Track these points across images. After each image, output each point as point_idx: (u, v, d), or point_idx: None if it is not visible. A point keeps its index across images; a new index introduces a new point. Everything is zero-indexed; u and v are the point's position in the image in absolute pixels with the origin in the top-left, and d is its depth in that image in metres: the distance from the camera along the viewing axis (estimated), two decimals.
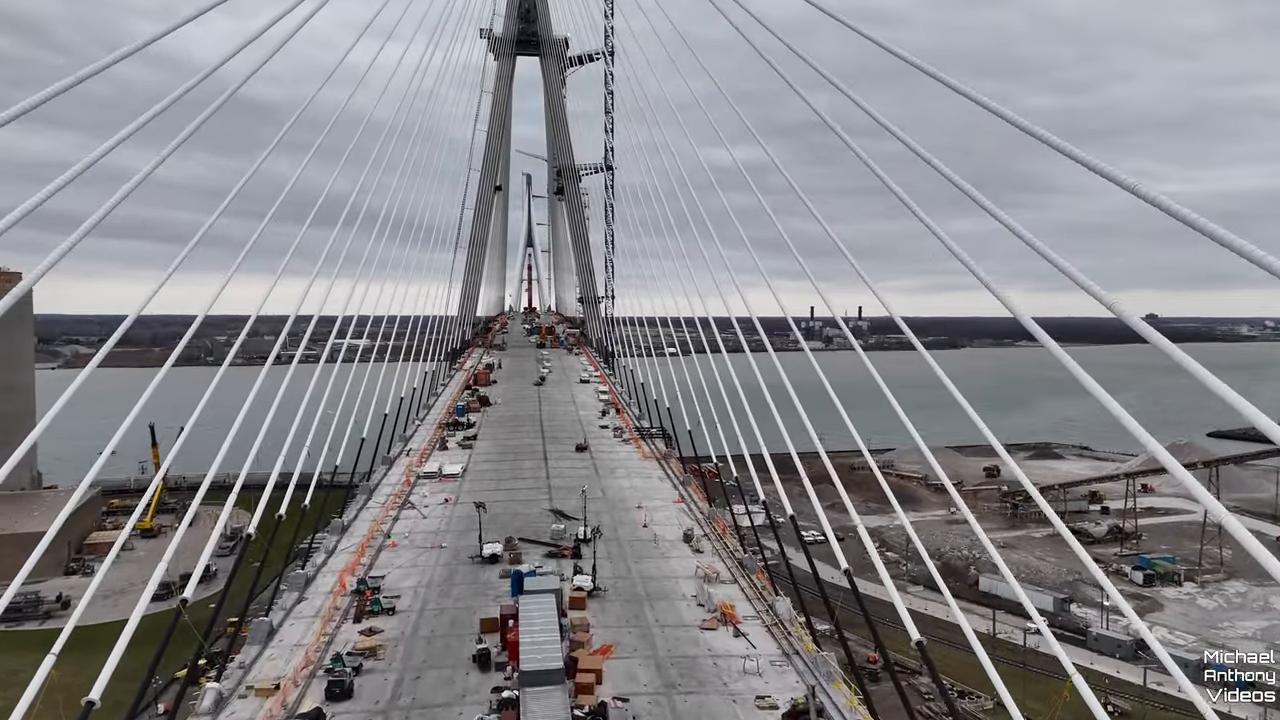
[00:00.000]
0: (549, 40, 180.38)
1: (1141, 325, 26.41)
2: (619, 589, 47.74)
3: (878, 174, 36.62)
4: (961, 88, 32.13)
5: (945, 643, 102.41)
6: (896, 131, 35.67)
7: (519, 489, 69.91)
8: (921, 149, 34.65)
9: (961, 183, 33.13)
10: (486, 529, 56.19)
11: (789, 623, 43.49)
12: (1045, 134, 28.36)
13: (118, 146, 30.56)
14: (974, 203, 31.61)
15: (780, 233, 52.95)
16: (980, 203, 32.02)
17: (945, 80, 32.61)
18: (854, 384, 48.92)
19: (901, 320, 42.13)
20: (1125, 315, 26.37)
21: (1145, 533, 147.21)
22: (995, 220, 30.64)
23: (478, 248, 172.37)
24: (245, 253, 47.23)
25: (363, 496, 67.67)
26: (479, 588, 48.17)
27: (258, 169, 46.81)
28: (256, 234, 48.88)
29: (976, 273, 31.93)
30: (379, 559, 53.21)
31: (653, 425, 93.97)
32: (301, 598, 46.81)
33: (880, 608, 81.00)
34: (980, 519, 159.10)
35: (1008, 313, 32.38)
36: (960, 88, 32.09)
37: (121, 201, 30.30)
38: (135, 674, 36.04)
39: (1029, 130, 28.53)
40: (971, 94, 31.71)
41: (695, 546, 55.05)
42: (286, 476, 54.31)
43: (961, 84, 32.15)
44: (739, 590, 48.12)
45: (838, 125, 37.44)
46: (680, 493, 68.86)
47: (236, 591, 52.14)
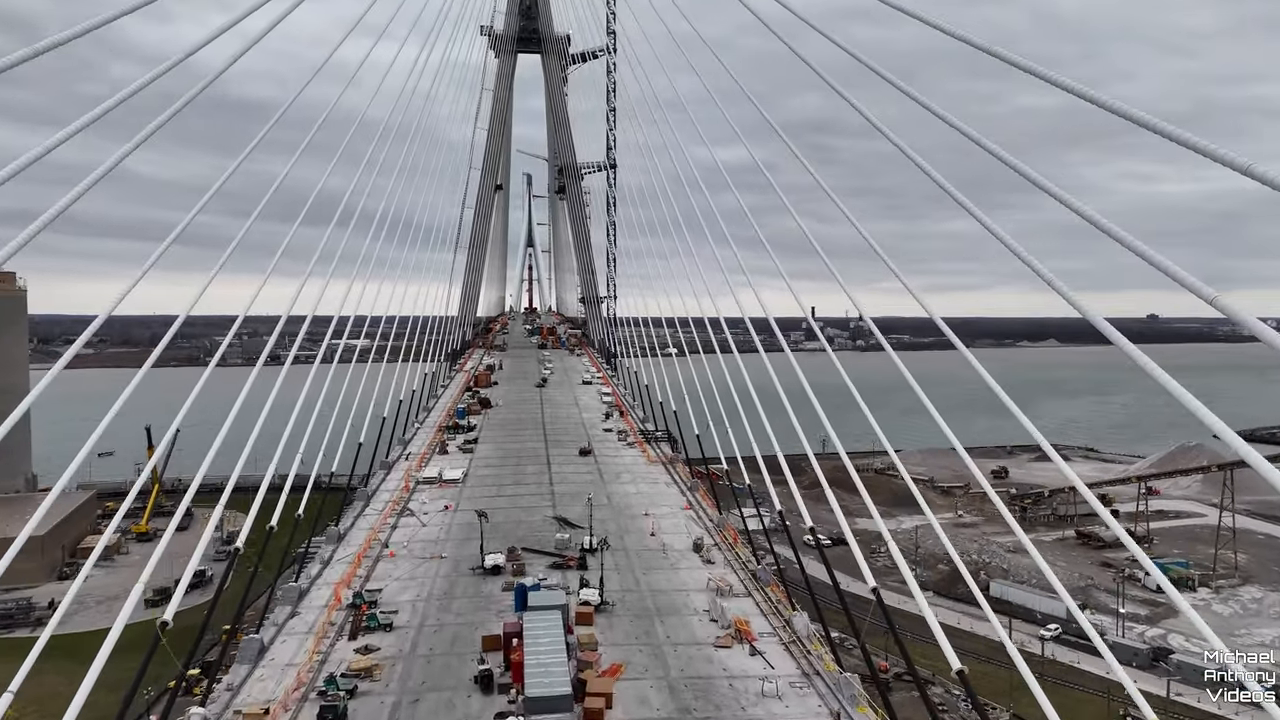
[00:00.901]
0: (550, 37, 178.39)
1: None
2: (627, 603, 45.52)
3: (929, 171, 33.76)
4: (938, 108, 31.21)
5: (959, 650, 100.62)
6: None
7: (521, 495, 67.71)
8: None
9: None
10: (488, 538, 54.00)
11: (807, 640, 41.30)
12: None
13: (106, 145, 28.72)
14: (971, 202, 31.29)
15: (803, 231, 50.43)
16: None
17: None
18: (859, 384, 47.39)
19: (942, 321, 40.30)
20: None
21: (1156, 536, 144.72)
22: (992, 220, 30.15)
23: (478, 247, 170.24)
24: (230, 251, 44.86)
25: (360, 503, 65.45)
26: (481, 601, 45.95)
27: (247, 167, 44.08)
28: (243, 231, 46.49)
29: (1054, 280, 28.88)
30: (376, 570, 50.97)
31: (658, 428, 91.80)
32: (294, 612, 44.58)
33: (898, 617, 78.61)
34: (988, 522, 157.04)
35: (1008, 314, 33.36)
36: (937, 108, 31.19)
37: (85, 192, 28.32)
38: (127, 684, 33.82)
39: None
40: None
41: (705, 556, 52.84)
42: (282, 479, 52.30)
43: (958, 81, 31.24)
44: (753, 604, 45.92)
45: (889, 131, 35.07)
46: (688, 499, 66.66)
47: (230, 599, 49.78)
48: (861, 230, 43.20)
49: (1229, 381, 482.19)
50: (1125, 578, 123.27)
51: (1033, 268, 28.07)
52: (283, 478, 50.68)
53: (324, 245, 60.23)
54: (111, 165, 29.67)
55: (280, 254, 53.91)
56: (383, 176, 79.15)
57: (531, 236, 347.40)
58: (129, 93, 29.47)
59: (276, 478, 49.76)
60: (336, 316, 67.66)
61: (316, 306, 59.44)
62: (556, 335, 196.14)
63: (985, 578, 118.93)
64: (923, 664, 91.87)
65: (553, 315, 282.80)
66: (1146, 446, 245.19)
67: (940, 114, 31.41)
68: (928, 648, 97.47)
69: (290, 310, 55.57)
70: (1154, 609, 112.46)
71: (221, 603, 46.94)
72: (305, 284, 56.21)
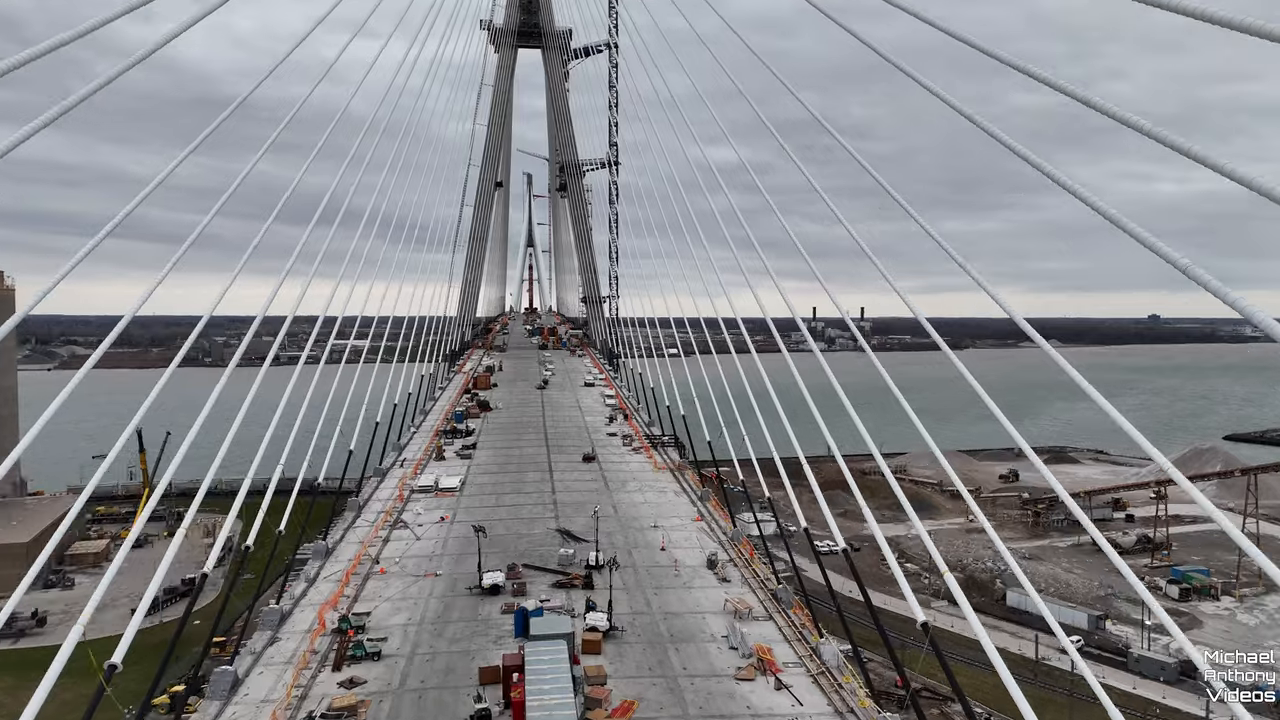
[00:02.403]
0: (551, 32, 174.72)
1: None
2: (638, 628, 41.66)
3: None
4: None
5: (976, 664, 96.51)
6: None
7: (522, 505, 63.86)
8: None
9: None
10: (487, 553, 50.18)
11: (837, 671, 37.47)
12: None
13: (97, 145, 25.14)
14: (962, 201, 31.45)
15: (788, 232, 50.97)
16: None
17: None
18: (859, 385, 45.27)
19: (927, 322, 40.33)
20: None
21: (1175, 542, 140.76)
22: (987, 220, 29.67)
23: (477, 245, 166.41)
24: (246, 259, 44.97)
25: (351, 513, 61.61)
26: (478, 626, 42.11)
27: (237, 168, 43.47)
28: (259, 237, 45.63)
29: None
30: (365, 589, 47.13)
31: (664, 432, 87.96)
32: (274, 638, 40.75)
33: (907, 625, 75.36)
34: (999, 528, 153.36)
35: (1005, 315, 31.69)
36: None
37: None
38: None
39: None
40: None
41: (721, 574, 48.98)
42: (281, 484, 49.46)
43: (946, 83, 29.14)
44: (775, 629, 42.10)
45: None
46: (699, 510, 62.78)
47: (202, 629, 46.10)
48: (852, 231, 42.81)
49: (1233, 383, 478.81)
50: (1155, 590, 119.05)
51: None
52: (279, 483, 48.50)
53: (324, 246, 59.42)
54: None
55: (292, 258, 52.58)
56: (375, 173, 76.29)
57: (532, 237, 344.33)
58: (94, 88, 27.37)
59: (261, 484, 47.34)
60: (321, 317, 64.25)
61: (297, 306, 56.37)
62: (557, 336, 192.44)
63: (1002, 586, 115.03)
64: (935, 675, 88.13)
65: (553, 316, 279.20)
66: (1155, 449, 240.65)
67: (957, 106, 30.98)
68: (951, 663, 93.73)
69: (293, 311, 54.44)
70: (1177, 619, 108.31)
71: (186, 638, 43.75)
72: (300, 284, 54.93)
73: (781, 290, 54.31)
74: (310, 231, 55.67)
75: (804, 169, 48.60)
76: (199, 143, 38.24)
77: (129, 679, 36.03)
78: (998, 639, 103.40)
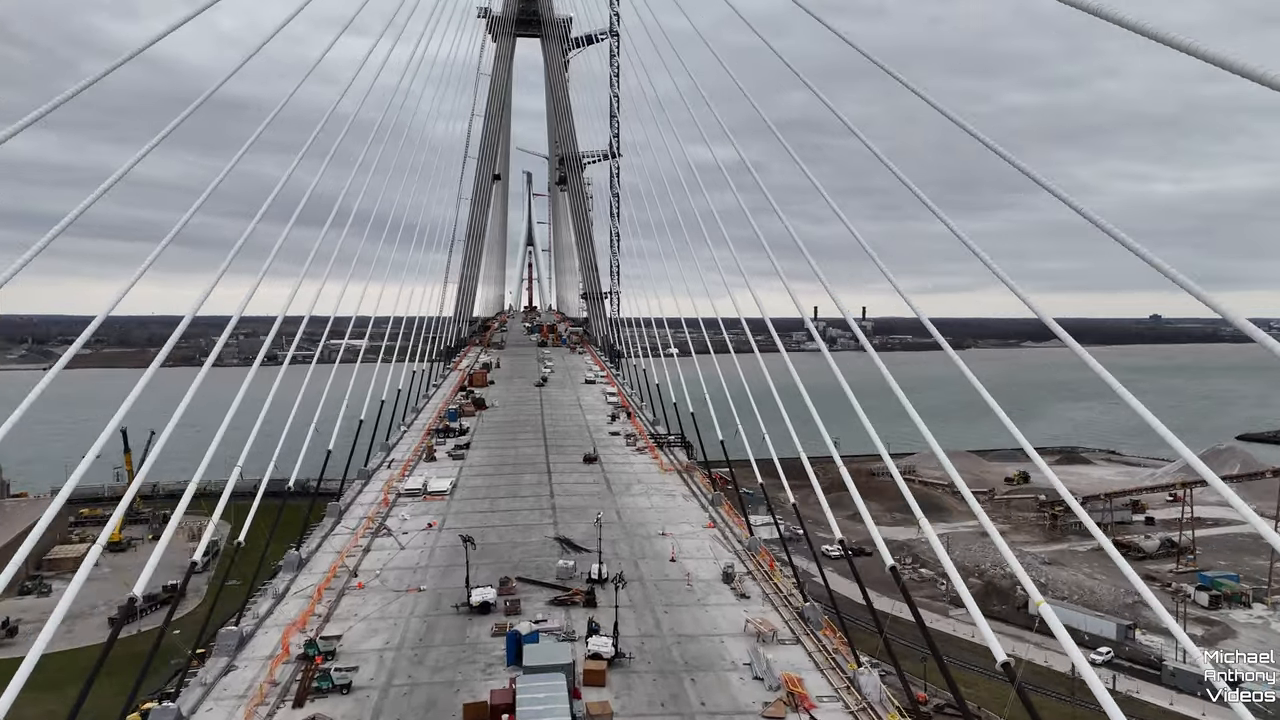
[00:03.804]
0: (550, 20, 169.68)
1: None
2: (648, 654, 36.38)
3: None
4: None
5: (999, 677, 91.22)
6: None
7: (518, 511, 58.57)
8: None
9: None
10: (478, 565, 45.01)
11: (879, 706, 32.23)
12: None
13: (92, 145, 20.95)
14: (959, 202, 32.53)
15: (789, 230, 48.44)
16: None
17: None
18: (861, 385, 43.40)
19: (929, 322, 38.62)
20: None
21: (1198, 546, 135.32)
22: (986, 220, 29.47)
23: (475, 241, 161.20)
24: (231, 257, 42.68)
25: (330, 519, 56.34)
26: (465, 651, 36.84)
27: (221, 165, 41.47)
28: (244, 235, 44.22)
29: None
30: (339, 606, 41.87)
31: (670, 431, 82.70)
32: (230, 666, 35.52)
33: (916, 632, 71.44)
34: (1015, 531, 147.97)
35: (1012, 314, 28.98)
36: None
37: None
38: None
39: None
40: None
41: (739, 589, 43.71)
42: (256, 484, 48.09)
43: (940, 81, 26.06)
44: (804, 654, 36.84)
45: None
46: (711, 515, 57.51)
47: None
48: (853, 230, 40.65)
49: (1239, 384, 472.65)
50: (1180, 596, 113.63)
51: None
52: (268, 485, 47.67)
53: (315, 245, 57.89)
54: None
55: (302, 258, 53.84)
56: (366, 169, 73.67)
57: (532, 235, 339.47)
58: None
59: (250, 485, 46.55)
60: (307, 317, 61.39)
61: (288, 307, 55.46)
62: (557, 333, 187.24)
63: (1023, 593, 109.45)
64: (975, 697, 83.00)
65: (553, 314, 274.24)
66: (1166, 450, 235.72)
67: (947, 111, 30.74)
68: (970, 674, 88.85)
69: (283, 311, 53.54)
70: (1209, 628, 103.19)
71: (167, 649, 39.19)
72: (291, 284, 54.25)
73: (791, 291, 50.72)
74: (301, 231, 54.42)
75: (805, 169, 45.91)
76: (163, 136, 34.88)
77: (106, 691, 34.27)
78: (1022, 651, 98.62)
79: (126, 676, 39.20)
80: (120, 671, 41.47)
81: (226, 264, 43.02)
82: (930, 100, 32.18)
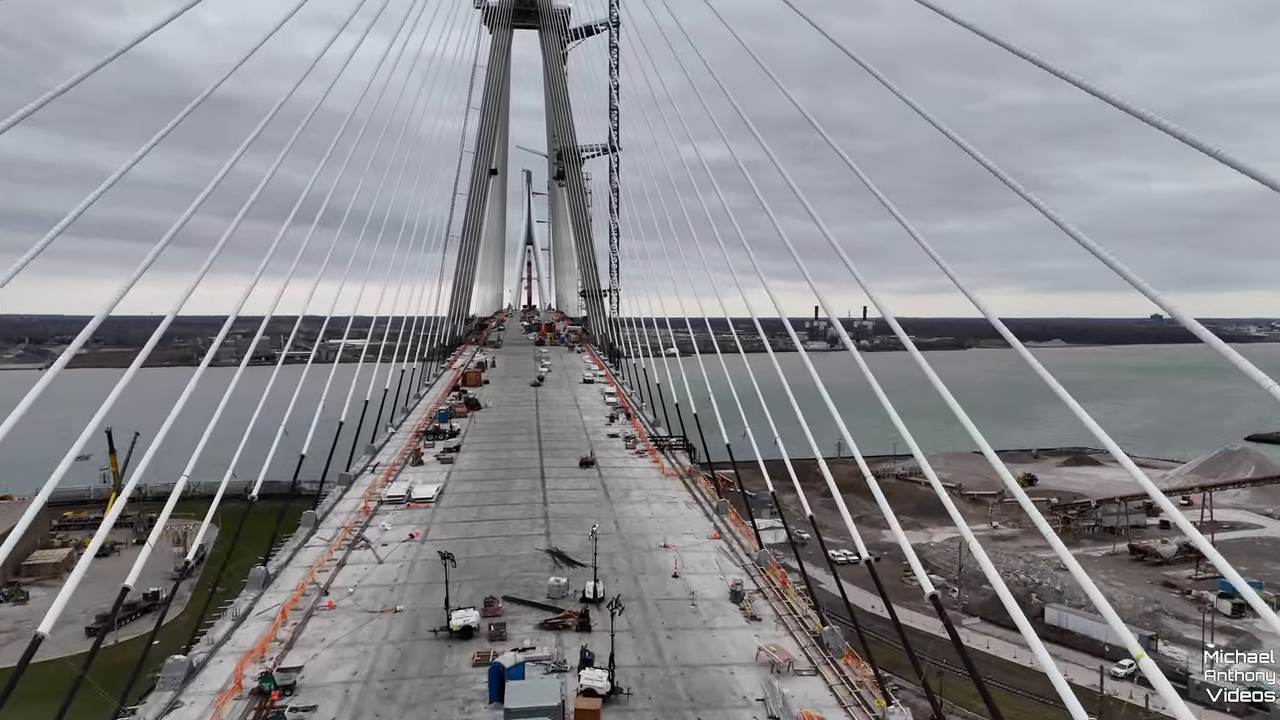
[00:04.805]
0: (549, 10, 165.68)
1: None
2: (649, 688, 32.15)
3: None
4: None
5: (1020, 692, 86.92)
6: None
7: (508, 520, 54.33)
8: None
9: None
10: (460, 583, 40.94)
11: None
12: None
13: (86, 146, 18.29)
14: (964, 201, 34.22)
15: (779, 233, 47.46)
16: None
17: None
18: (859, 386, 40.55)
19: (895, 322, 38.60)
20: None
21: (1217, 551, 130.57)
22: (988, 220, 29.14)
23: (470, 237, 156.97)
24: (215, 254, 42.45)
25: (305, 529, 52.12)
26: (442, 685, 32.61)
27: (213, 164, 41.99)
28: (229, 232, 43.64)
29: None
30: (305, 630, 37.64)
31: (672, 434, 78.50)
32: (174, 703, 31.30)
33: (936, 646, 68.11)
34: (1026, 535, 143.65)
35: (1012, 314, 27.78)
36: None
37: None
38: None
39: None
40: None
41: (749, 611, 39.46)
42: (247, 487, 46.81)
43: None
44: (823, 687, 32.65)
45: None
46: (717, 525, 53.27)
47: None
48: (827, 232, 41.50)
49: (1242, 383, 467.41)
50: (1204, 605, 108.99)
51: None
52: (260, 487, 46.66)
53: (303, 244, 56.63)
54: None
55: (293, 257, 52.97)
56: (354, 164, 71.10)
57: (531, 234, 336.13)
58: None
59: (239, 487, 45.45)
60: (301, 316, 60.82)
61: (276, 305, 53.70)
62: (555, 331, 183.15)
63: (1038, 601, 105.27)
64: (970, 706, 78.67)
65: (552, 313, 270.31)
66: (1174, 451, 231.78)
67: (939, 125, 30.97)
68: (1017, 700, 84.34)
69: (270, 310, 52.18)
70: (1234, 638, 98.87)
71: None
72: (280, 282, 53.19)
73: (817, 292, 47.60)
74: (293, 230, 53.14)
75: (785, 169, 45.99)
76: (163, 135, 35.11)
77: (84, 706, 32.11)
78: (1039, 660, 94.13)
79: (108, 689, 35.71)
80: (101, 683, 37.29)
81: (208, 264, 42.44)
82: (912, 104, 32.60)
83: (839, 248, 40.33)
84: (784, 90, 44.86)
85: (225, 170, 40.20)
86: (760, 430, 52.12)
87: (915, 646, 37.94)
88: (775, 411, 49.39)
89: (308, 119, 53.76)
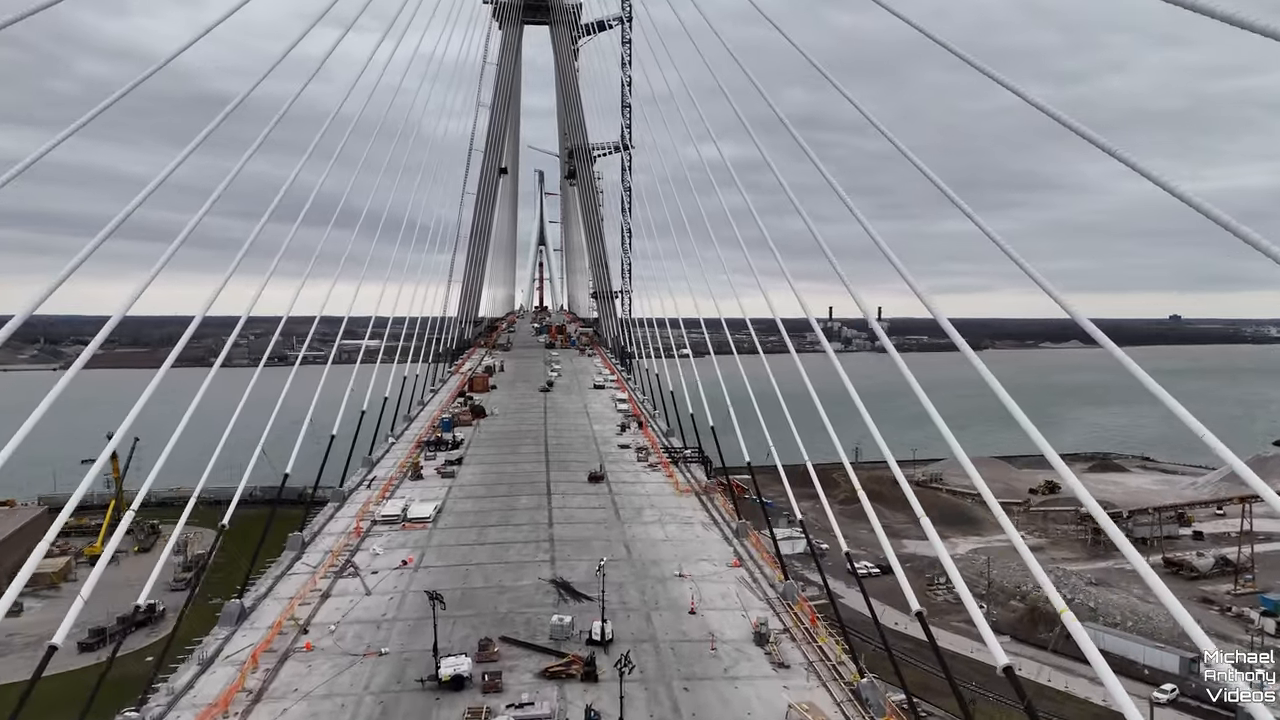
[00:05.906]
0: (559, 6, 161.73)
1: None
2: None
3: None
4: None
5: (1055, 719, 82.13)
6: None
7: (510, 544, 50.14)
8: None
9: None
10: (454, 620, 36.92)
11: None
12: None
13: None
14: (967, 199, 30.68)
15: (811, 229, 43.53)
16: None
17: None
18: (876, 388, 41.32)
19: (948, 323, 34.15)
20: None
21: (1255, 564, 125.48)
22: (996, 220, 29.70)
23: (480, 237, 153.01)
24: (240, 257, 43.08)
25: (290, 554, 48.11)
26: None
27: (222, 164, 41.40)
28: (253, 235, 45.35)
29: None
30: (277, 677, 33.56)
31: (686, 445, 74.16)
32: None
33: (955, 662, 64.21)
34: (1053, 546, 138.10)
35: (1029, 314, 25.68)
36: None
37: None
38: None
39: None
40: None
41: (777, 657, 35.07)
42: None
43: None
44: None
45: None
46: (737, 550, 48.90)
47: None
48: (870, 229, 36.74)
49: (1270, 387, 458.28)
50: (1249, 625, 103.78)
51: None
52: None
53: (319, 245, 57.92)
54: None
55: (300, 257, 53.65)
56: (363, 165, 70.46)
57: (543, 235, 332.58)
58: None
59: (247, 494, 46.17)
60: (318, 318, 61.17)
61: (291, 307, 54.47)
62: (566, 334, 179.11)
63: None
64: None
65: (564, 314, 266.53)
66: (1204, 457, 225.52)
67: None
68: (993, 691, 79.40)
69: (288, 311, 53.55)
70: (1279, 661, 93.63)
71: None
72: (296, 283, 54.14)
73: (854, 293, 42.90)
74: (300, 230, 52.73)
75: (806, 166, 42.04)
76: (199, 142, 36.35)
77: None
78: (1075, 685, 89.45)
79: None
80: None
81: (234, 266, 42.67)
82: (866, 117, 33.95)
83: (884, 246, 36.08)
84: (773, 104, 40.62)
85: (235, 172, 40.90)
86: (779, 436, 48.37)
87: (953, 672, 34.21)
88: (791, 415, 45.63)
89: (328, 123, 54.13)
